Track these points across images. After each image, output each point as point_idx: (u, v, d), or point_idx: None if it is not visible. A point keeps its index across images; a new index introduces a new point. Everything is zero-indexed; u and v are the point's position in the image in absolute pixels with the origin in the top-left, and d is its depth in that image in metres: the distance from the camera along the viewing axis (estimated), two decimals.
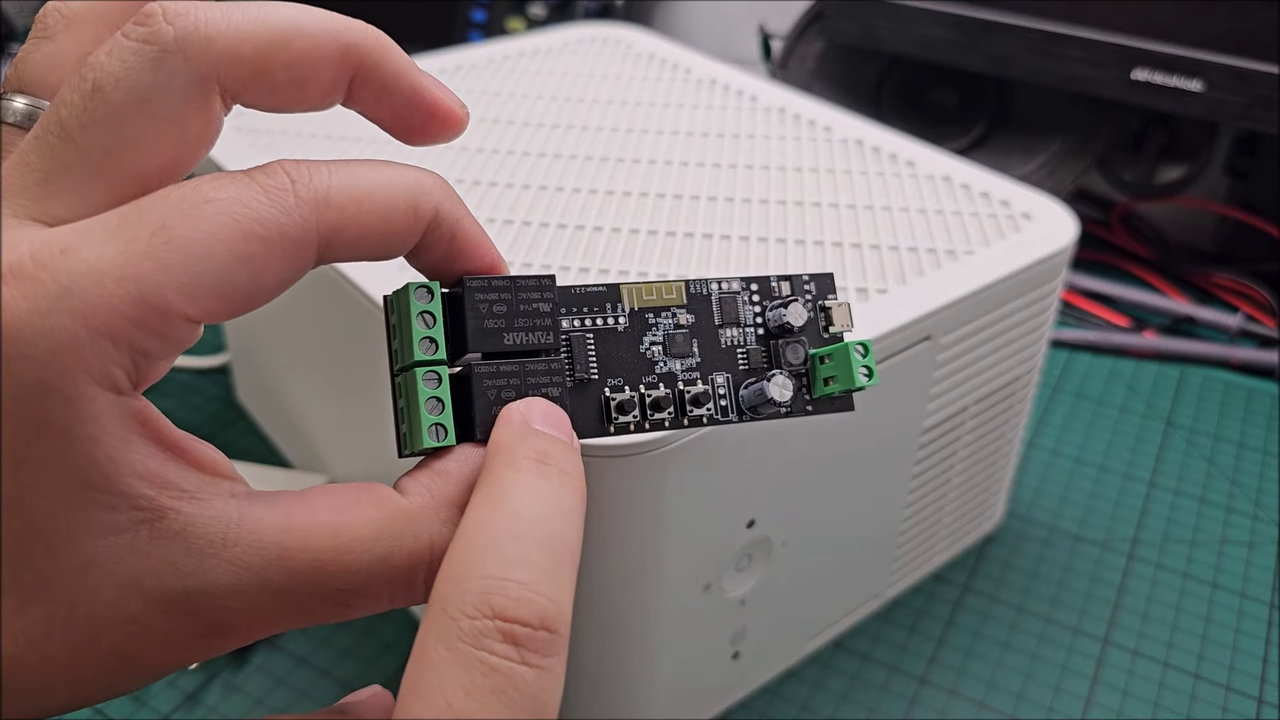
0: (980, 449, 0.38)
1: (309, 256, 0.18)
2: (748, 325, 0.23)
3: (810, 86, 0.65)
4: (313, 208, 0.17)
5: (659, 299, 0.22)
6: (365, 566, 0.18)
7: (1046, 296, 0.36)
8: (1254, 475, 0.47)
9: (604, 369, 0.21)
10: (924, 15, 0.58)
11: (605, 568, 0.28)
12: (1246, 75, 0.51)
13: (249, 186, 0.17)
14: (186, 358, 0.50)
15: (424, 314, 0.19)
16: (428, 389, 0.19)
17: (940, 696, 0.36)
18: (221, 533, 0.17)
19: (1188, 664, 0.38)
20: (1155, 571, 0.42)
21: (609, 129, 0.41)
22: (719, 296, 0.23)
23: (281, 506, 0.18)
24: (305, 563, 0.17)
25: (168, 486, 0.17)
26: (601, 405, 0.21)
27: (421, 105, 0.20)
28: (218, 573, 0.17)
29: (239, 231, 0.17)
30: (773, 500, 0.31)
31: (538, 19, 0.75)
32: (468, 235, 0.20)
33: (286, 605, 0.17)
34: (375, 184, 0.18)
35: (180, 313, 0.16)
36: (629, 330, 0.22)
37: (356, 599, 0.18)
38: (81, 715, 0.34)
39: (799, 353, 0.23)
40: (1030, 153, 0.62)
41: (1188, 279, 0.61)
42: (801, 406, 0.23)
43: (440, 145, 0.39)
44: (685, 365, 0.22)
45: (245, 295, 0.17)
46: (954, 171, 0.39)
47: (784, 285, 0.23)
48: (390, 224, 0.19)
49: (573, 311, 0.21)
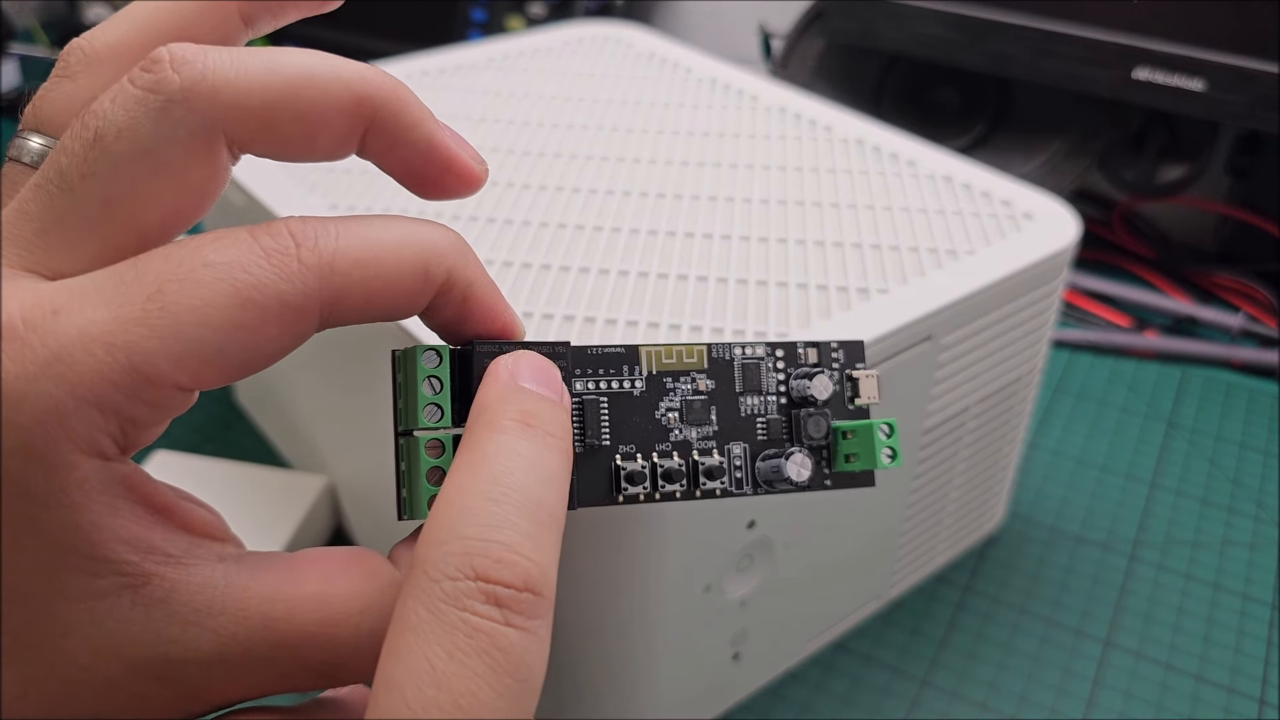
0: (981, 449, 0.38)
1: (310, 324, 0.17)
2: (770, 393, 0.22)
3: (811, 86, 0.65)
4: (316, 274, 0.17)
5: (679, 363, 0.21)
6: (352, 640, 0.17)
7: (1048, 296, 0.36)
8: (1256, 476, 0.47)
9: (616, 435, 0.21)
10: (924, 14, 0.58)
11: (606, 568, 0.28)
12: (1248, 74, 0.51)
13: (250, 249, 0.16)
14: None
15: (431, 378, 0.19)
16: (430, 459, 0.19)
17: (942, 698, 0.36)
18: (206, 601, 0.17)
19: (1190, 665, 0.38)
20: (1157, 573, 0.41)
21: (609, 128, 0.41)
22: (742, 363, 0.22)
23: (270, 574, 0.17)
24: (291, 634, 0.17)
25: (153, 551, 0.16)
26: (611, 474, 0.20)
27: (437, 160, 0.19)
28: (201, 641, 0.16)
29: (237, 299, 0.16)
30: (773, 501, 0.30)
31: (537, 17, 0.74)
32: (481, 298, 0.19)
33: (270, 675, 0.17)
34: (385, 247, 0.18)
35: (171, 381, 0.16)
36: (645, 395, 0.21)
37: (342, 672, 0.18)
38: None
39: (821, 426, 0.22)
40: (1031, 152, 0.62)
41: (1189, 279, 0.61)
42: (820, 482, 0.22)
43: None
44: (701, 434, 0.21)
45: (240, 364, 0.17)
46: (955, 171, 0.39)
47: (811, 352, 0.22)
48: (399, 289, 0.18)
49: (588, 373, 0.20)
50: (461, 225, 0.34)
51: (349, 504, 0.40)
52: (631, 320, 0.30)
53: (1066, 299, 0.58)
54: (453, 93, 0.43)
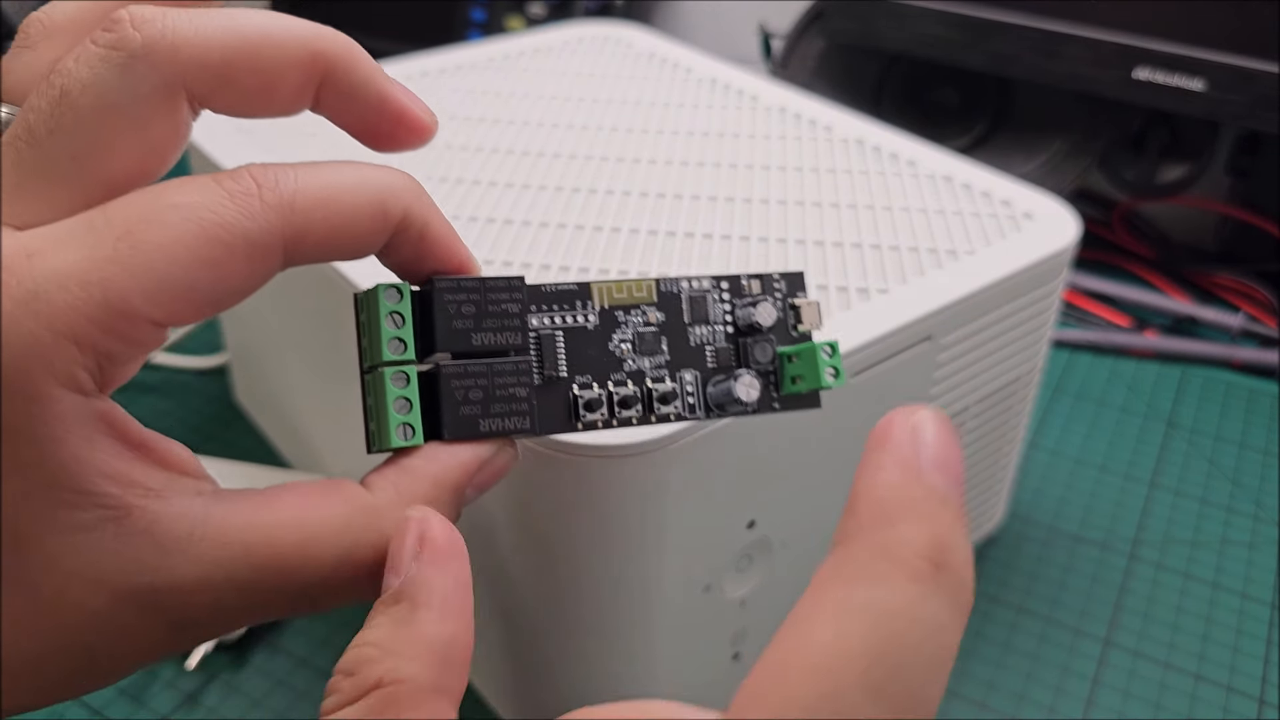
0: (981, 449, 0.38)
1: (275, 260, 0.18)
2: (717, 323, 0.23)
3: (811, 86, 0.65)
4: (278, 212, 0.18)
5: (629, 297, 0.22)
6: (330, 561, 0.18)
7: (1048, 296, 0.36)
8: (1255, 476, 0.47)
9: (572, 367, 0.22)
10: (925, 14, 0.58)
11: (605, 568, 0.28)
12: (1248, 75, 0.51)
13: (214, 192, 0.17)
14: (185, 358, 0.50)
15: (393, 314, 0.20)
16: (395, 389, 0.19)
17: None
18: (187, 529, 0.17)
19: (1189, 664, 0.38)
20: (1156, 572, 0.41)
21: (609, 128, 0.41)
22: (689, 295, 0.23)
23: (247, 503, 0.18)
24: (270, 558, 0.18)
25: (133, 485, 0.17)
26: (569, 403, 0.21)
27: (389, 112, 0.20)
28: (183, 569, 0.17)
29: (203, 236, 0.17)
30: (773, 501, 0.30)
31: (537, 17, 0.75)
32: (437, 235, 0.20)
33: (252, 600, 0.18)
34: (343, 187, 0.19)
35: (144, 316, 0.17)
36: (599, 328, 0.22)
37: (321, 593, 0.18)
38: (80, 715, 0.34)
39: (767, 351, 0.23)
40: (1031, 152, 0.62)
41: (1189, 279, 0.61)
42: (768, 404, 0.23)
43: (439, 145, 0.39)
44: (654, 363, 0.22)
45: (210, 299, 0.17)
46: (955, 171, 0.39)
47: (754, 284, 0.23)
48: (357, 226, 0.19)
49: (543, 309, 0.21)
50: (462, 225, 0.34)
51: None
52: None
53: (1066, 299, 0.58)
54: (453, 93, 0.43)
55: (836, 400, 0.30)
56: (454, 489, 0.20)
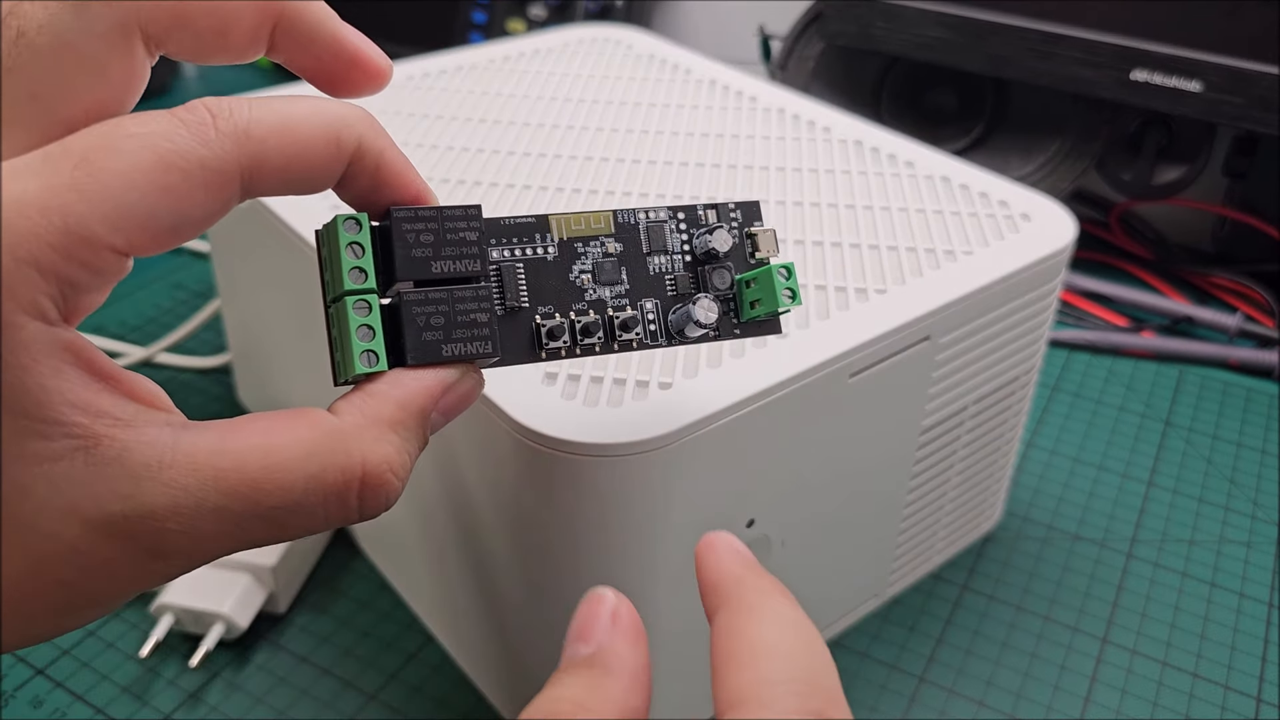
0: (979, 448, 0.38)
1: (232, 189, 0.18)
2: (675, 252, 0.23)
3: (810, 87, 0.66)
4: (233, 140, 0.18)
5: (587, 228, 0.23)
6: (299, 484, 0.18)
7: (1045, 297, 0.36)
8: (1252, 475, 0.47)
9: (534, 297, 0.22)
10: (923, 16, 0.58)
11: (605, 567, 0.28)
12: (1245, 76, 0.51)
13: (170, 122, 0.18)
14: (188, 358, 0.50)
15: (353, 245, 0.20)
16: (358, 317, 0.20)
17: (940, 695, 0.36)
18: (157, 457, 0.17)
19: (1186, 663, 0.38)
20: (1154, 571, 0.42)
21: (609, 129, 0.41)
22: (646, 225, 0.23)
23: (215, 431, 0.18)
24: (240, 482, 0.18)
25: (102, 415, 0.17)
26: (532, 332, 0.22)
27: (343, 56, 0.21)
28: (154, 496, 0.17)
29: (160, 164, 0.17)
30: (772, 500, 0.31)
31: (538, 20, 0.75)
32: (392, 166, 0.20)
33: (224, 526, 0.18)
34: (297, 116, 0.19)
35: (105, 243, 0.17)
36: (558, 259, 0.22)
37: (292, 517, 0.19)
38: (82, 714, 0.35)
39: (725, 278, 0.23)
40: (1029, 153, 0.62)
41: (1186, 279, 0.61)
42: (729, 329, 0.23)
43: (442, 146, 0.39)
44: (614, 292, 0.23)
45: (169, 227, 0.18)
46: (953, 172, 0.39)
47: (710, 213, 0.24)
48: (313, 156, 0.19)
49: (503, 242, 0.22)
50: None
51: None
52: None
53: (1065, 299, 0.58)
54: (454, 94, 0.43)
55: (836, 400, 0.30)
56: (419, 412, 0.20)
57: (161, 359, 0.50)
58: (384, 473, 0.19)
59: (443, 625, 0.37)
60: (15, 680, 0.36)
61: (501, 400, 0.27)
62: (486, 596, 0.32)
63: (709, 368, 0.28)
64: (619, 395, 0.27)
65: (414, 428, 0.20)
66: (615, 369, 0.28)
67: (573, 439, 0.26)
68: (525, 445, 0.26)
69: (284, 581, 0.38)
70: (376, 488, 0.19)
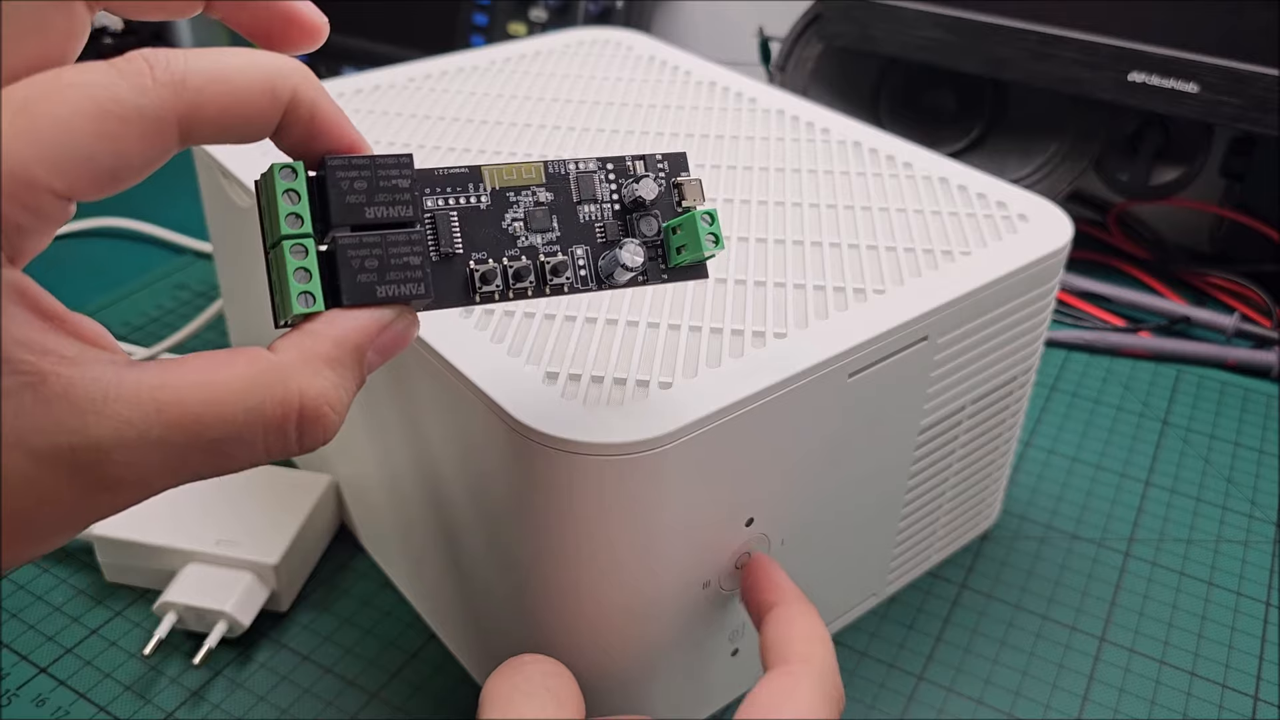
0: (977, 448, 0.38)
1: (170, 136, 0.19)
2: (604, 201, 0.24)
3: (809, 89, 0.66)
4: (170, 89, 0.19)
5: (519, 179, 0.24)
6: (239, 417, 0.19)
7: (1043, 297, 0.36)
8: (1250, 474, 0.47)
9: (468, 244, 0.23)
10: (921, 17, 0.58)
11: (605, 566, 0.29)
12: (1242, 77, 0.51)
13: (108, 71, 0.18)
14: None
15: (289, 192, 0.21)
16: (295, 260, 0.21)
17: (938, 693, 0.36)
18: (101, 391, 0.18)
19: (1184, 662, 0.38)
20: (1152, 570, 0.42)
21: (610, 131, 0.41)
22: (576, 175, 0.24)
23: (158, 367, 0.19)
24: (182, 415, 0.19)
25: (48, 353, 0.18)
26: (466, 277, 0.23)
27: (278, 12, 0.22)
28: (100, 429, 0.18)
29: (98, 110, 0.18)
30: (771, 499, 0.31)
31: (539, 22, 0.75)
32: (327, 116, 0.21)
33: (168, 457, 0.19)
34: (232, 67, 0.20)
35: (46, 186, 0.18)
36: (491, 208, 0.23)
37: (234, 448, 0.19)
38: (85, 712, 0.35)
39: (652, 225, 0.24)
40: (1028, 154, 0.62)
41: (1184, 280, 0.61)
42: (657, 274, 0.24)
43: (444, 148, 0.39)
44: (546, 239, 0.24)
45: (109, 171, 0.18)
46: (951, 173, 0.39)
47: (638, 164, 0.25)
48: (249, 104, 0.20)
49: (437, 191, 0.23)
50: None
51: (352, 502, 0.41)
52: (632, 320, 0.31)
53: (1062, 300, 0.58)
54: (455, 96, 0.43)
55: (835, 400, 0.30)
56: (355, 350, 0.21)
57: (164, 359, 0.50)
58: (320, 405, 0.20)
59: (444, 624, 0.37)
60: (18, 679, 0.36)
61: (502, 399, 0.27)
62: (487, 595, 0.32)
63: (709, 368, 0.29)
64: (619, 395, 0.28)
65: (350, 364, 0.21)
66: (615, 369, 0.28)
67: (573, 438, 0.26)
68: (526, 444, 0.27)
69: (286, 580, 0.38)
70: (313, 420, 0.20)
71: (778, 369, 0.28)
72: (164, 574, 0.38)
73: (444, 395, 0.30)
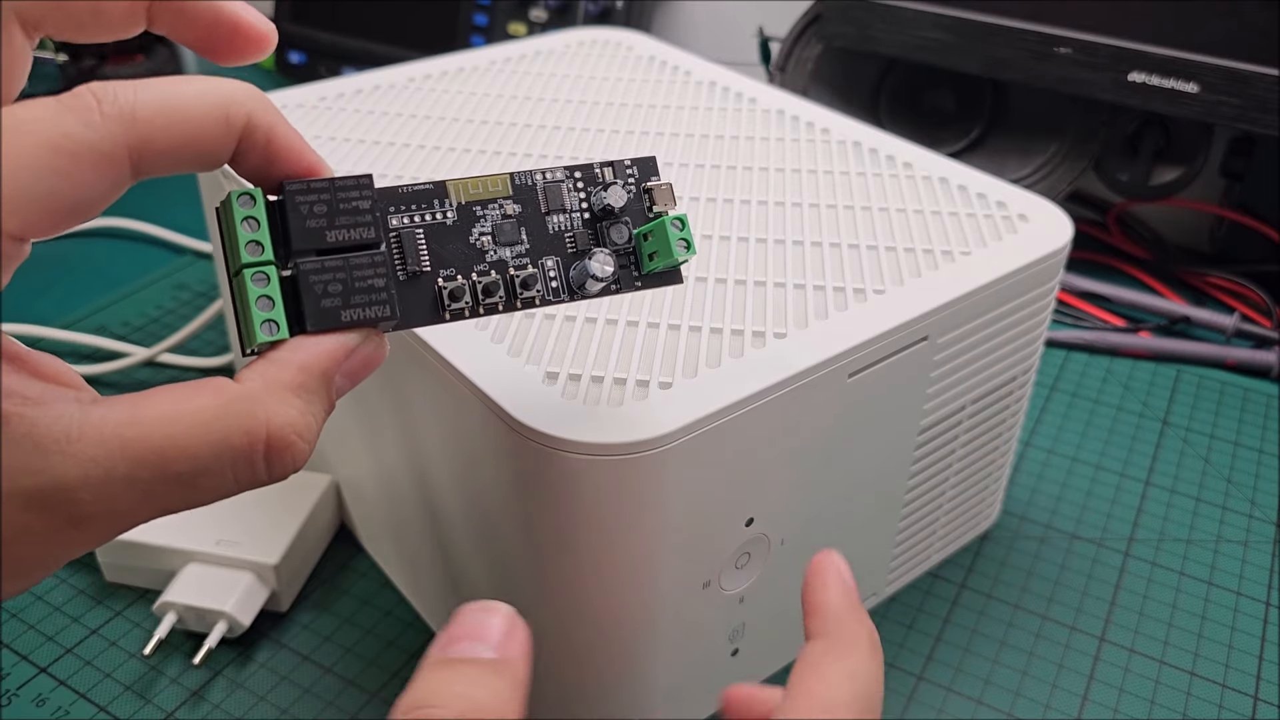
0: (977, 448, 0.38)
1: (122, 169, 0.19)
2: (574, 211, 0.24)
3: (809, 89, 0.66)
4: (119, 122, 0.19)
5: (485, 192, 0.23)
6: (205, 449, 0.19)
7: (1043, 297, 0.36)
8: (1250, 474, 0.47)
9: (436, 261, 0.23)
10: (921, 18, 0.58)
11: (605, 566, 0.29)
12: (1241, 77, 0.51)
13: (56, 108, 0.18)
14: (190, 358, 0.50)
15: (248, 219, 0.21)
16: (257, 288, 0.21)
17: (938, 693, 0.36)
18: (64, 431, 0.18)
19: (1184, 662, 0.38)
20: (1151, 570, 0.42)
21: (609, 131, 0.41)
22: (544, 186, 0.24)
23: (123, 404, 0.19)
24: (147, 450, 0.18)
25: (10, 394, 0.18)
26: (435, 294, 0.22)
27: (224, 24, 0.21)
28: (65, 468, 0.18)
29: (49, 147, 0.18)
30: (771, 499, 0.31)
31: (539, 22, 0.75)
32: (284, 140, 0.21)
33: (136, 493, 0.19)
34: (184, 96, 0.19)
35: (2, 228, 0.17)
36: (458, 223, 0.23)
37: (201, 480, 0.19)
38: (85, 712, 0.35)
39: (623, 232, 0.24)
40: (1028, 155, 0.62)
41: (1184, 280, 0.61)
42: (630, 282, 0.24)
43: (444, 148, 0.39)
44: (515, 252, 0.23)
45: (66, 208, 0.18)
46: (951, 173, 0.39)
47: (607, 171, 0.24)
48: (202, 133, 0.20)
49: (402, 209, 0.22)
50: None
51: (352, 502, 0.41)
52: (632, 320, 0.31)
53: (1062, 300, 0.58)
54: (455, 96, 0.43)
55: (835, 400, 0.30)
56: (322, 375, 0.21)
57: (165, 359, 0.50)
58: (288, 434, 0.20)
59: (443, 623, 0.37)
60: (18, 679, 0.36)
61: (502, 399, 0.27)
62: (487, 595, 0.32)
63: (709, 368, 0.29)
64: (619, 395, 0.28)
65: (317, 391, 0.21)
66: (615, 369, 0.28)
67: (573, 438, 0.26)
68: (526, 444, 0.27)
69: (286, 580, 0.38)
70: (282, 449, 0.20)
71: (778, 369, 0.28)
72: (164, 574, 0.38)
73: (444, 395, 0.30)
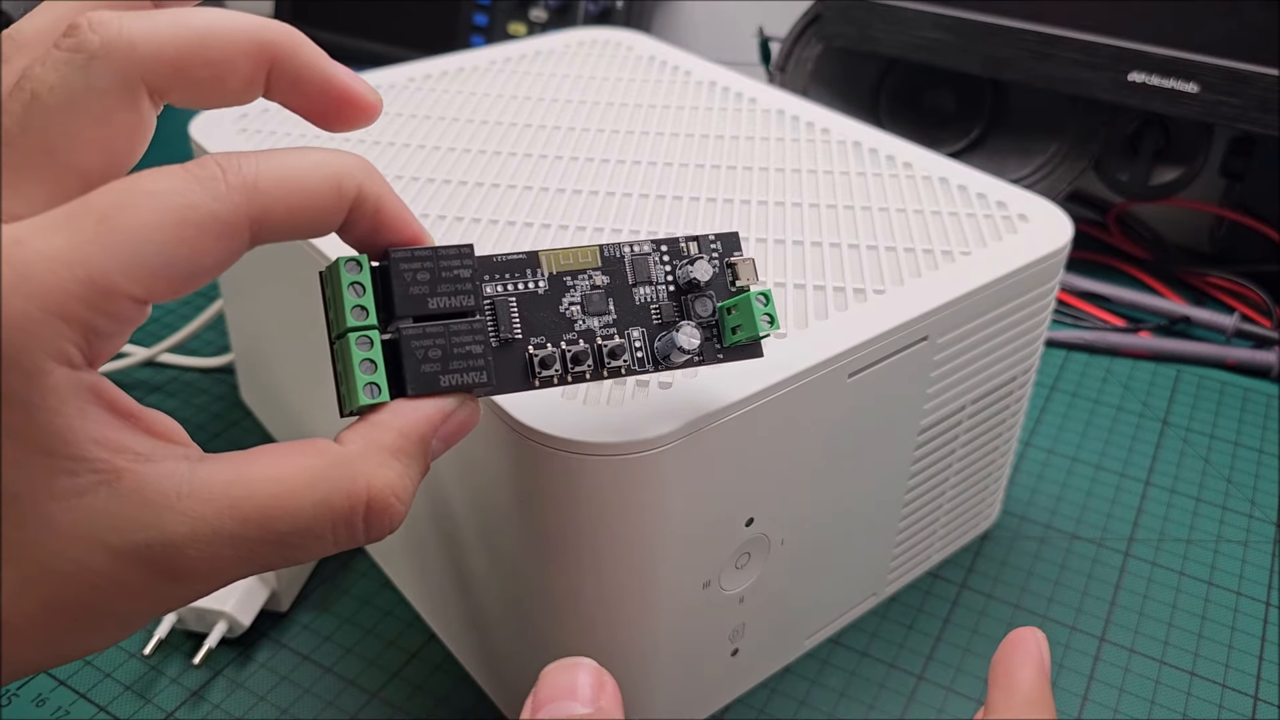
0: (977, 448, 0.38)
1: (243, 238, 0.20)
2: (659, 283, 0.25)
3: (809, 89, 0.66)
4: (242, 193, 0.19)
5: (575, 263, 0.24)
6: (307, 509, 0.20)
7: (1043, 297, 0.36)
8: (1250, 474, 0.47)
9: (527, 329, 0.23)
10: (921, 18, 0.58)
11: (605, 566, 0.29)
12: (1242, 77, 0.51)
13: (183, 178, 0.19)
14: (193, 358, 0.50)
15: (354, 285, 0.21)
16: (360, 352, 0.21)
17: (938, 693, 0.36)
18: (174, 488, 0.19)
19: (1184, 662, 0.38)
20: (1151, 570, 0.42)
21: (609, 131, 0.41)
22: (631, 258, 0.24)
23: (229, 462, 0.19)
24: (253, 510, 0.19)
25: (123, 451, 0.18)
26: (526, 362, 0.23)
27: (334, 93, 0.22)
28: (174, 525, 0.18)
29: (175, 218, 0.18)
30: (771, 499, 0.31)
31: (539, 22, 0.75)
32: (391, 210, 0.22)
33: (239, 551, 0.19)
34: (300, 168, 0.20)
35: (125, 293, 0.18)
36: (549, 293, 0.24)
37: (302, 540, 0.20)
38: (85, 712, 0.35)
39: (707, 305, 0.25)
40: (1028, 155, 0.62)
41: (1184, 280, 0.61)
42: (713, 354, 0.25)
43: (444, 148, 0.39)
44: (603, 322, 0.24)
45: (185, 275, 0.19)
46: (951, 173, 0.39)
47: (692, 245, 0.25)
48: (316, 204, 0.20)
49: (496, 278, 0.23)
50: (465, 226, 0.35)
51: None
52: None
53: (1062, 299, 0.58)
54: (455, 96, 0.44)
55: (835, 400, 0.30)
56: (420, 439, 0.22)
57: (165, 359, 0.50)
58: (387, 497, 0.21)
59: (444, 623, 0.37)
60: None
61: (502, 399, 0.27)
62: (487, 595, 0.33)
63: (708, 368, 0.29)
64: (619, 395, 0.28)
65: (415, 454, 0.21)
66: None
67: (573, 438, 0.26)
68: (526, 444, 0.27)
69: (286, 580, 0.38)
70: (381, 512, 0.21)
71: (778, 369, 0.29)
72: None
73: None
